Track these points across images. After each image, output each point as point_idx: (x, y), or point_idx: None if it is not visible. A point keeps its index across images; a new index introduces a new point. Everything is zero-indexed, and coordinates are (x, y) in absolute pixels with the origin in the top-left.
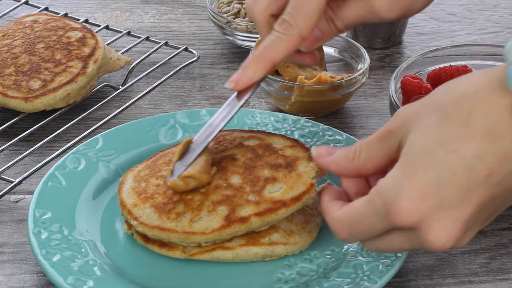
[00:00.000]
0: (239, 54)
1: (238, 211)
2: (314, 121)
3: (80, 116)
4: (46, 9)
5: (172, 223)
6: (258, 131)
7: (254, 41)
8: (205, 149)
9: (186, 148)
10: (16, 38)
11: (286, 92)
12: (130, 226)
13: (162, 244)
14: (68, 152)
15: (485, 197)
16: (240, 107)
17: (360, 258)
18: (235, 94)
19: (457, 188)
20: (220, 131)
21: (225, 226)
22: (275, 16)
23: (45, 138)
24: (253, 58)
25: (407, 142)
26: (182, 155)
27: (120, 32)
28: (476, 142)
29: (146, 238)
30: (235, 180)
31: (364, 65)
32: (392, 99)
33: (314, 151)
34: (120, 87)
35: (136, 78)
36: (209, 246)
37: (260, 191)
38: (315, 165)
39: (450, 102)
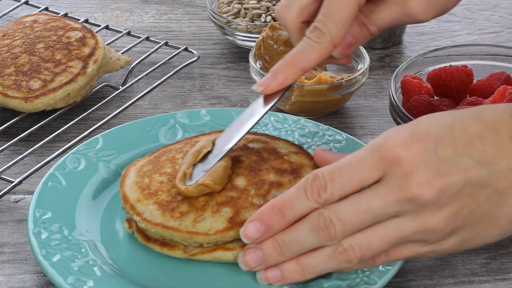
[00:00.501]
0: (239, 54)
1: (242, 213)
2: (314, 121)
3: (80, 116)
4: (46, 9)
5: (175, 222)
6: (262, 134)
7: (254, 41)
8: (227, 154)
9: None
10: (16, 38)
11: (286, 92)
12: (131, 224)
13: (163, 243)
14: (68, 152)
15: (473, 175)
16: (266, 113)
17: None
18: (260, 97)
19: (453, 150)
20: (244, 136)
21: (228, 228)
22: (307, 22)
23: (45, 138)
24: (284, 64)
25: None
26: (203, 158)
27: (120, 32)
28: (481, 126)
29: (146, 237)
30: (240, 182)
31: (364, 65)
32: (392, 99)
33: (317, 148)
34: (120, 87)
35: (136, 78)
36: (210, 246)
37: (265, 195)
38: None
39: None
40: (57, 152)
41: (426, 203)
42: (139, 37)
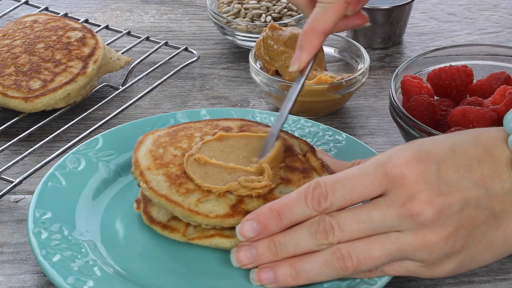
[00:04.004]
0: (239, 54)
1: (245, 203)
2: (314, 121)
3: (80, 116)
4: (46, 9)
5: (179, 197)
6: (281, 130)
7: (254, 41)
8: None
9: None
10: (16, 38)
11: (286, 92)
12: (139, 205)
13: (165, 226)
14: (68, 152)
15: (472, 196)
16: (303, 84)
17: None
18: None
19: (454, 172)
20: (290, 111)
21: (229, 215)
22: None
23: (45, 138)
24: (305, 34)
25: None
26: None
27: (120, 32)
28: (479, 150)
29: (151, 218)
30: None
31: (364, 65)
32: (392, 99)
33: (318, 148)
34: (120, 87)
35: (136, 78)
36: (209, 232)
37: (272, 189)
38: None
39: (462, 131)
40: (57, 152)
41: (426, 221)
42: (139, 37)
